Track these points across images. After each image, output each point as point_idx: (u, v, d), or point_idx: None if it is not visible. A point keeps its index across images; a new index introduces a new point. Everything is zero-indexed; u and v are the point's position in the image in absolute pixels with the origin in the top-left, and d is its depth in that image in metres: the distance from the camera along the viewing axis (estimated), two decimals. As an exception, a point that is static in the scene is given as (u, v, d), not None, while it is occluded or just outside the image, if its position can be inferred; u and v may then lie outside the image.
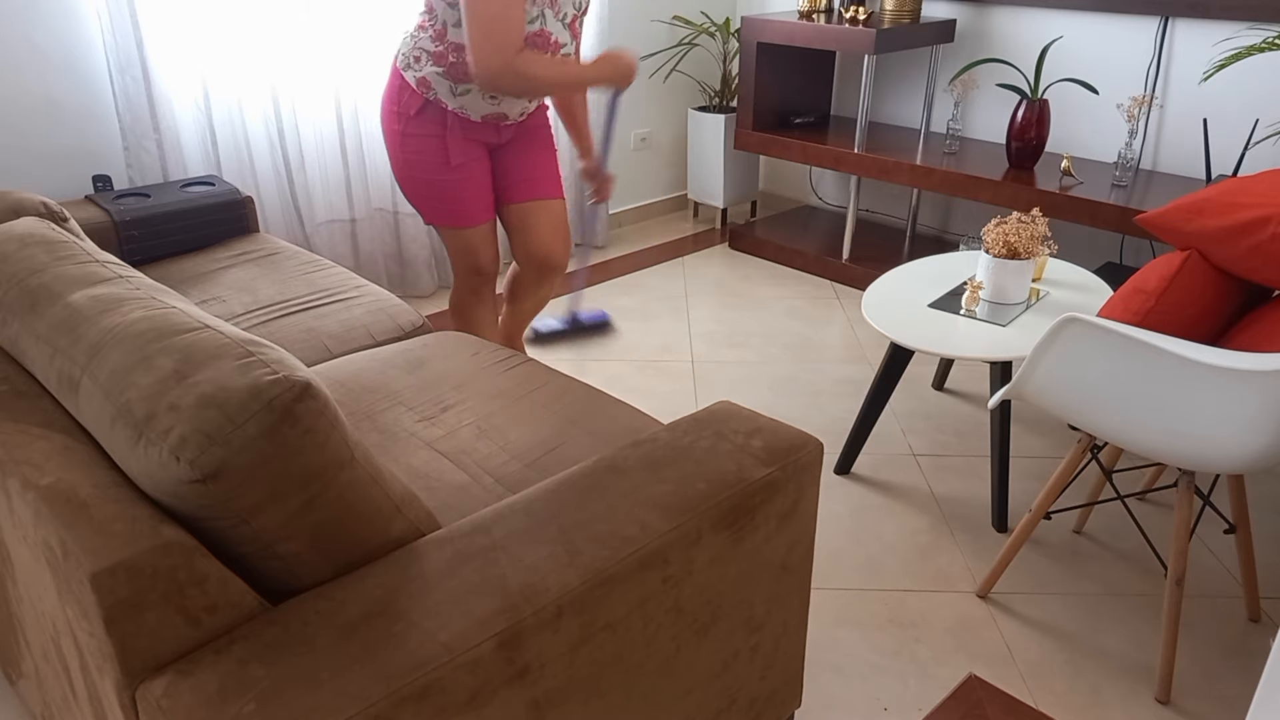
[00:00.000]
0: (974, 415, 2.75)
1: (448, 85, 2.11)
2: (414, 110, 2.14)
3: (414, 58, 2.12)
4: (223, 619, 1.02)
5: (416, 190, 2.23)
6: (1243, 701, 1.77)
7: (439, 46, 2.08)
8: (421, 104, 2.14)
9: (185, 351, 1.06)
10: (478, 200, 2.25)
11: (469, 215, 2.25)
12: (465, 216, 2.25)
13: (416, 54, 2.11)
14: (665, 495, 1.25)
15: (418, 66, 2.11)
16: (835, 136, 3.73)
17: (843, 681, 1.81)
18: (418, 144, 2.17)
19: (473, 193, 2.24)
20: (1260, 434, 1.52)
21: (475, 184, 2.24)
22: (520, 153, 2.32)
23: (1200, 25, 3.09)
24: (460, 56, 2.07)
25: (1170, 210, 1.84)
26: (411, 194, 2.25)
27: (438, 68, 2.09)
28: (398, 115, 2.17)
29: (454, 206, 2.23)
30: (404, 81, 2.15)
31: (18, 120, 2.58)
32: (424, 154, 2.18)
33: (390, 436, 1.65)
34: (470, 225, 2.26)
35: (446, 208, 2.23)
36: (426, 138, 2.16)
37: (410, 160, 2.19)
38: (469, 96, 2.13)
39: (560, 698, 1.14)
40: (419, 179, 2.20)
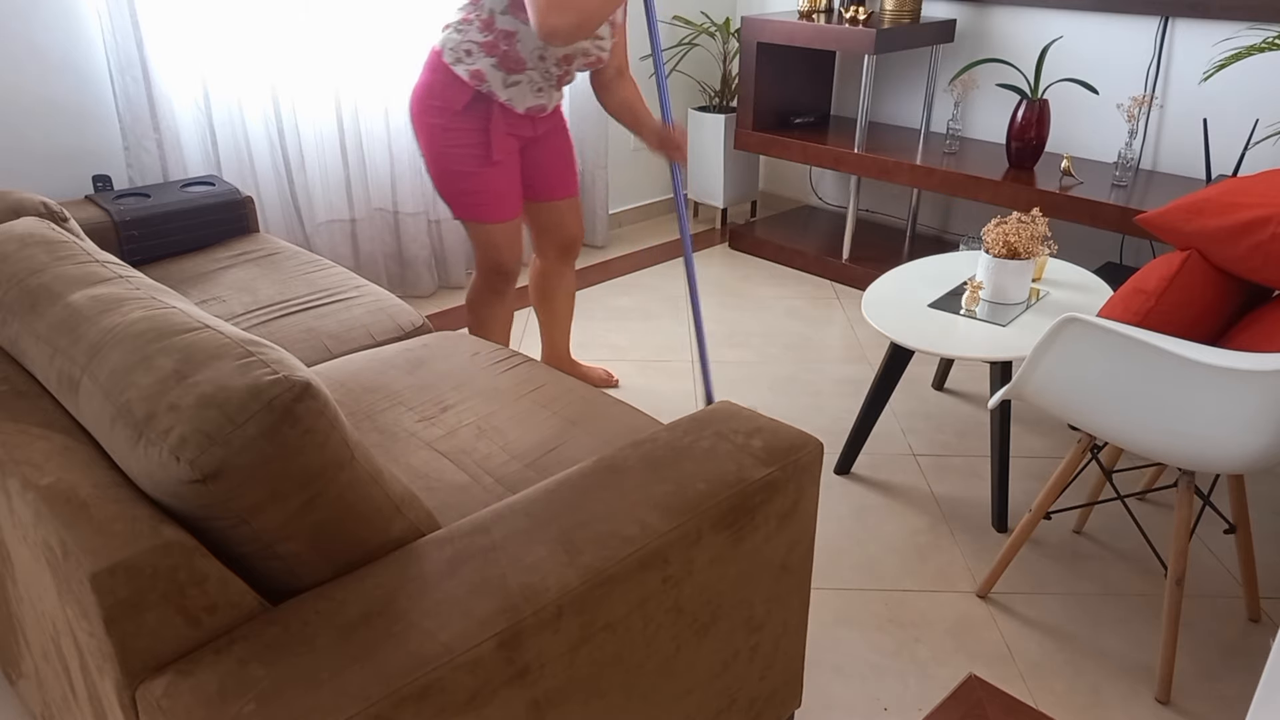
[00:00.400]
0: (974, 415, 2.75)
1: (501, 76, 2.15)
2: (461, 105, 2.17)
3: (464, 51, 2.14)
4: (223, 619, 1.02)
5: (454, 184, 2.24)
6: (1243, 701, 1.77)
7: (488, 36, 2.11)
8: (471, 97, 2.16)
9: (185, 351, 1.06)
10: (510, 196, 2.30)
11: (503, 210, 2.29)
12: (499, 211, 2.29)
13: (467, 47, 2.13)
14: (665, 495, 1.25)
15: (469, 60, 2.13)
16: (835, 136, 3.73)
17: (843, 681, 1.81)
18: (461, 137, 2.19)
19: (507, 188, 2.29)
20: (1260, 434, 1.52)
21: (510, 179, 2.29)
22: (550, 151, 2.41)
23: (1200, 25, 3.09)
24: (510, 44, 2.11)
25: (1170, 210, 1.84)
26: (447, 188, 2.26)
27: (490, 58, 2.12)
28: (439, 109, 2.18)
29: (489, 200, 2.26)
30: (453, 76, 2.15)
31: (18, 120, 2.58)
32: (466, 148, 2.20)
33: (390, 436, 1.65)
34: (503, 220, 2.30)
35: (481, 202, 2.26)
36: (470, 131, 2.19)
37: (449, 153, 2.20)
38: (518, 88, 2.19)
39: (560, 698, 1.14)
40: (458, 172, 2.22)
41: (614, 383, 2.88)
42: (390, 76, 3.18)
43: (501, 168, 2.25)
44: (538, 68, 2.17)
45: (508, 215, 2.31)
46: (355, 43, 3.07)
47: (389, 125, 3.23)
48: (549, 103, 2.29)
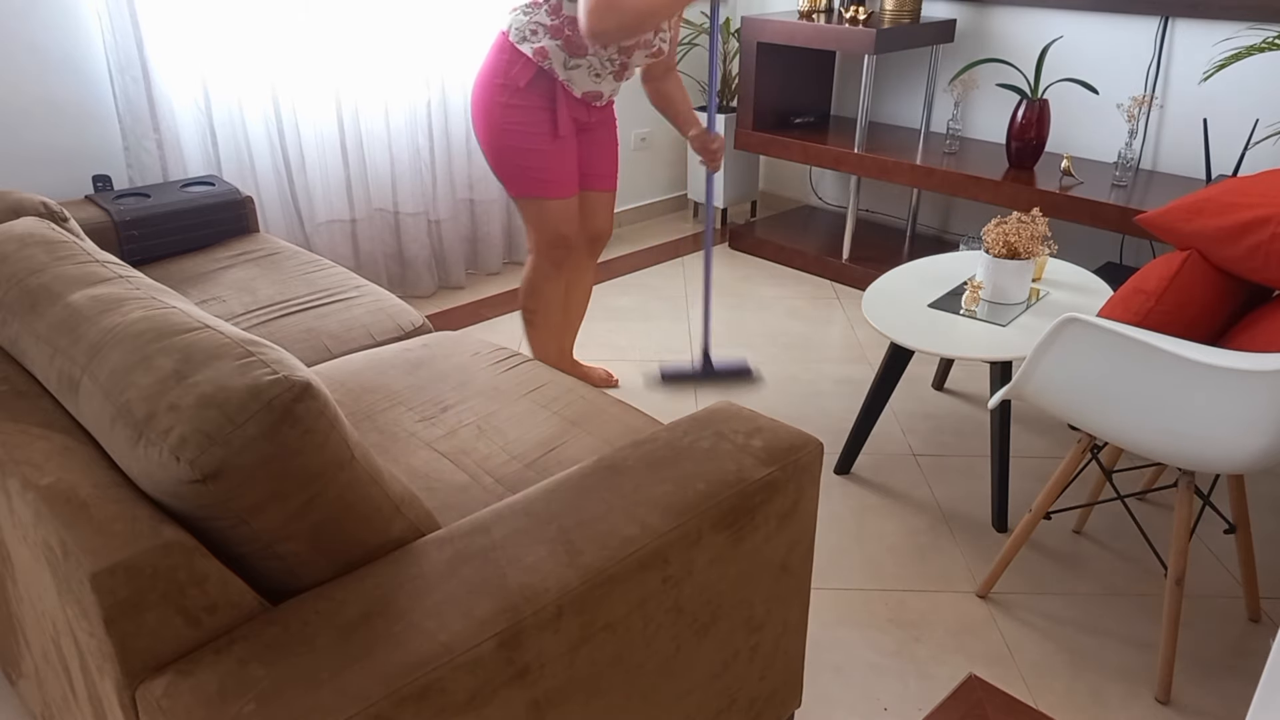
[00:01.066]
0: (974, 415, 2.75)
1: (563, 58, 2.24)
2: (524, 82, 2.24)
3: (530, 31, 2.22)
4: (223, 619, 1.02)
5: (513, 159, 2.30)
6: (1243, 701, 1.77)
7: (555, 20, 2.20)
8: (533, 75, 2.24)
9: (185, 351, 1.06)
10: (570, 173, 2.37)
11: (562, 187, 2.36)
12: (559, 188, 2.36)
13: (533, 28, 2.22)
14: (665, 495, 1.25)
15: (534, 39, 2.22)
16: (835, 136, 3.73)
17: (843, 681, 1.81)
18: (523, 115, 2.27)
19: (568, 165, 2.36)
20: (1260, 434, 1.52)
21: (570, 157, 2.36)
22: (598, 144, 2.50)
23: (1200, 25, 3.09)
24: (575, 30, 2.20)
25: (1170, 210, 1.84)
26: (505, 164, 2.31)
27: (556, 40, 2.21)
28: (503, 86, 2.25)
29: (549, 176, 2.33)
30: (516, 54, 2.24)
31: (18, 120, 2.58)
32: (528, 124, 2.27)
33: (390, 436, 1.65)
34: (562, 196, 2.37)
35: (542, 178, 2.33)
36: (533, 109, 2.27)
37: (511, 129, 2.27)
38: (578, 71, 2.27)
39: (560, 698, 1.14)
40: (518, 148, 2.29)
41: (614, 383, 2.89)
42: (390, 76, 3.18)
43: (563, 145, 2.33)
44: (598, 55, 2.26)
45: (567, 192, 2.38)
46: (355, 43, 3.07)
47: (389, 125, 3.23)
48: (605, 91, 2.37)
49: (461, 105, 3.40)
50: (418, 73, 3.24)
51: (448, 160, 3.43)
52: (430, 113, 3.32)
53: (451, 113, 3.39)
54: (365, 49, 3.10)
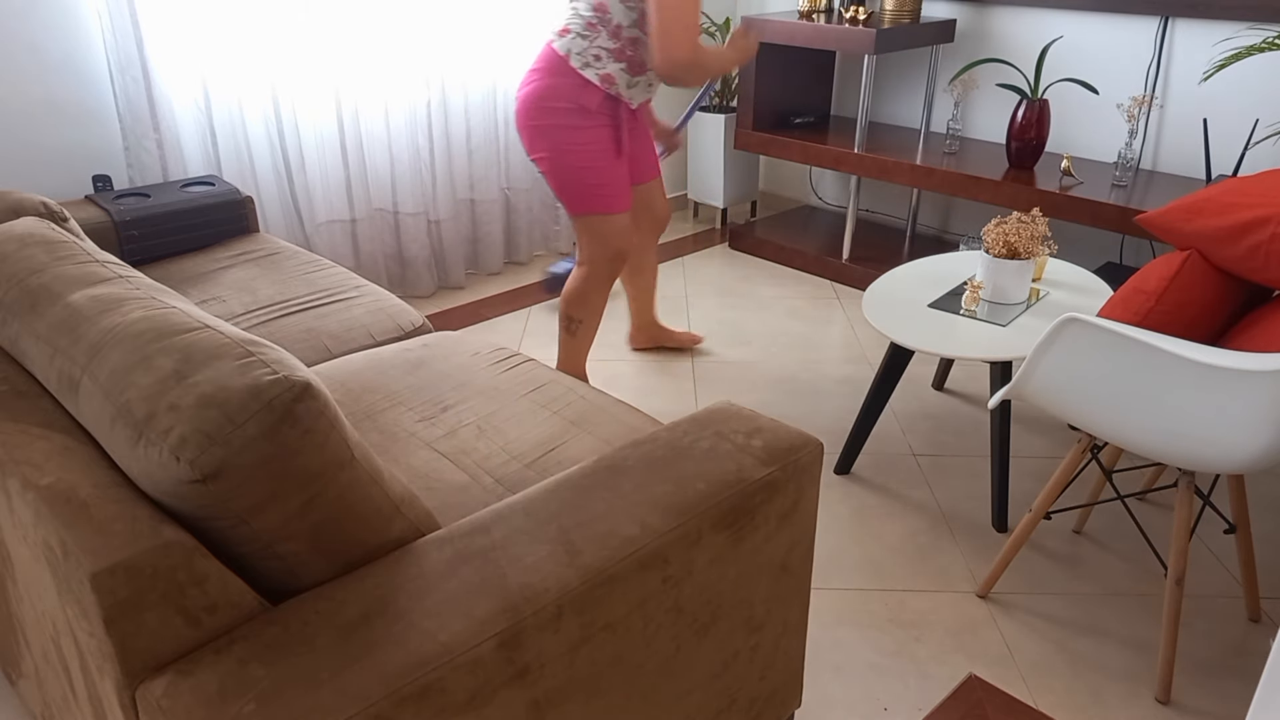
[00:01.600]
0: (974, 415, 2.75)
1: (626, 79, 2.35)
2: (594, 105, 2.34)
3: (593, 56, 2.31)
4: (223, 619, 1.02)
5: (583, 180, 2.39)
6: (1243, 701, 1.77)
7: (616, 44, 2.30)
8: (602, 99, 2.34)
9: (185, 351, 1.06)
10: (628, 187, 2.49)
11: (625, 199, 2.47)
12: (623, 201, 2.46)
13: (596, 53, 2.30)
14: (665, 495, 1.25)
15: (599, 65, 2.31)
16: (835, 136, 3.73)
17: (843, 681, 1.81)
18: (591, 135, 2.36)
19: (627, 176, 2.48)
20: (1260, 434, 1.52)
21: (627, 169, 2.48)
22: (639, 137, 2.63)
23: (1200, 25, 3.09)
24: (636, 50, 2.32)
25: (1170, 210, 1.84)
26: (574, 184, 2.40)
27: (620, 63, 2.32)
28: (566, 110, 2.34)
29: (611, 192, 2.43)
30: (583, 80, 2.32)
31: (18, 120, 2.58)
32: (593, 144, 2.37)
33: (390, 436, 1.65)
34: (624, 210, 2.48)
35: (609, 194, 2.42)
36: (598, 129, 2.36)
37: (579, 151, 2.36)
38: (637, 88, 2.39)
39: (560, 698, 1.14)
40: (588, 168, 2.38)
41: (700, 340, 3.11)
42: (390, 76, 3.18)
43: (623, 161, 2.45)
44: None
45: (626, 206, 2.49)
46: (355, 43, 3.07)
47: (389, 125, 3.23)
48: (652, 95, 2.51)
49: (461, 105, 3.40)
50: (418, 73, 3.24)
51: (448, 160, 3.43)
52: (430, 113, 3.32)
53: (451, 113, 3.39)
54: (365, 49, 3.10)
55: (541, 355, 3.07)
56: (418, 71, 3.24)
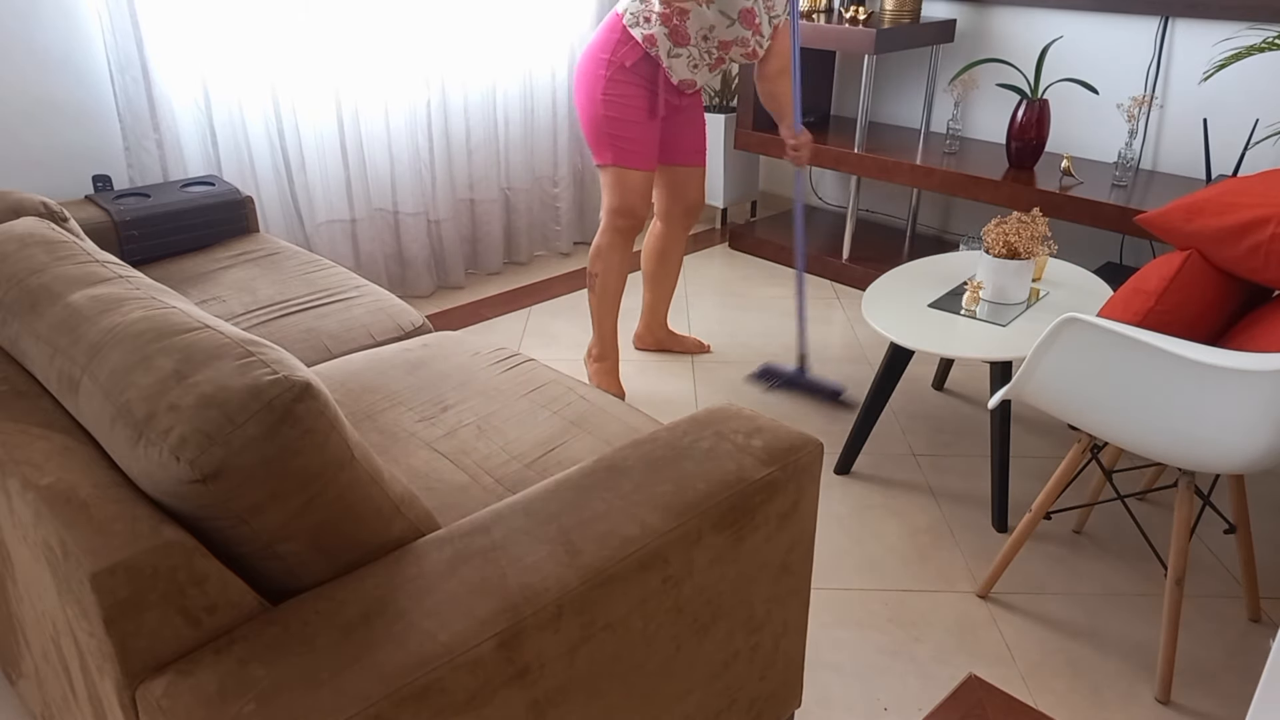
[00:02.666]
0: (974, 415, 2.75)
1: (668, 46, 2.45)
2: (630, 62, 2.47)
3: (643, 17, 2.44)
4: (223, 619, 1.02)
5: (604, 128, 2.52)
6: (1243, 701, 1.77)
7: (665, 8, 2.40)
8: (639, 57, 2.47)
9: (185, 351, 1.06)
10: (653, 150, 2.59)
11: (646, 160, 2.57)
12: (644, 160, 2.56)
13: (646, 14, 2.43)
14: (665, 495, 1.25)
15: (646, 25, 2.44)
16: (835, 136, 3.73)
17: (843, 681, 1.81)
18: (622, 89, 2.49)
19: (653, 142, 2.58)
20: (1260, 434, 1.52)
21: (655, 136, 2.59)
22: (690, 124, 2.72)
23: (1200, 25, 3.09)
24: (681, 20, 2.41)
25: (1170, 210, 1.84)
26: (597, 131, 2.53)
27: (664, 28, 2.43)
28: (609, 62, 2.48)
29: (635, 149, 2.54)
30: (626, 35, 2.46)
31: (18, 120, 2.58)
32: (626, 99, 2.50)
33: (390, 436, 1.65)
34: (643, 169, 2.57)
35: (630, 149, 2.54)
36: (633, 85, 2.49)
37: (610, 100, 2.49)
38: (679, 60, 2.49)
39: (560, 698, 1.14)
40: (612, 118, 2.50)
41: (708, 349, 3.11)
42: (390, 76, 3.18)
43: (653, 124, 2.55)
44: (699, 46, 2.47)
45: (648, 166, 2.58)
46: (355, 43, 3.07)
47: (389, 125, 3.23)
48: (700, 80, 2.58)
49: (461, 105, 3.40)
50: (418, 73, 3.24)
51: (448, 160, 3.43)
52: (430, 113, 3.32)
53: (451, 113, 3.39)
54: (365, 49, 3.10)
55: (541, 355, 3.07)
56: (418, 71, 3.24)
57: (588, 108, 2.54)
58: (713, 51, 2.50)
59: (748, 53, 2.51)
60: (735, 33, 2.46)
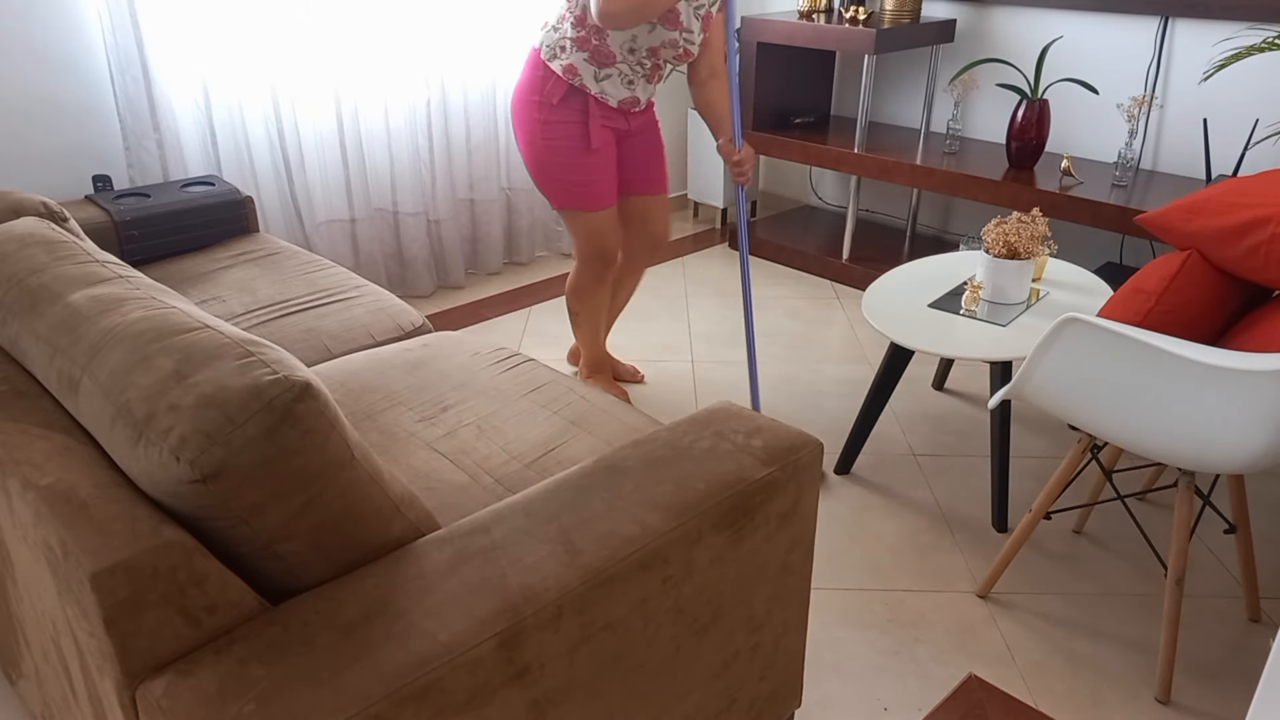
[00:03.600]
0: (974, 415, 2.75)
1: (592, 71, 2.28)
2: (557, 98, 2.30)
3: (559, 48, 2.27)
4: (223, 619, 1.02)
5: (554, 174, 2.36)
6: (1243, 701, 1.77)
7: (581, 32, 2.24)
8: (565, 91, 2.29)
9: (185, 351, 1.06)
10: (608, 184, 2.42)
11: (601, 198, 2.41)
12: (598, 199, 2.40)
13: (562, 44, 2.27)
14: (665, 495, 1.25)
15: (563, 55, 2.27)
16: (835, 136, 3.73)
17: (843, 681, 1.81)
18: (560, 130, 2.32)
19: (606, 177, 2.41)
20: (1260, 434, 1.52)
21: (608, 169, 2.41)
22: (642, 148, 2.52)
23: (1200, 25, 3.09)
24: (600, 39, 2.24)
25: (1170, 210, 1.84)
26: (547, 179, 2.38)
27: (583, 53, 2.26)
28: (539, 104, 2.32)
29: (588, 189, 2.38)
30: (548, 71, 2.29)
31: (18, 120, 2.58)
32: (565, 139, 2.33)
33: (390, 436, 1.65)
34: (601, 208, 2.42)
35: (581, 191, 2.38)
36: (568, 124, 2.32)
37: (551, 146, 2.33)
38: (610, 81, 2.30)
39: (560, 698, 1.14)
40: (558, 163, 2.35)
41: (640, 378, 2.93)
42: (390, 76, 3.18)
43: (599, 156, 2.37)
44: (627, 60, 2.28)
45: (606, 203, 2.43)
46: (355, 43, 3.07)
47: (389, 125, 3.23)
48: (642, 96, 2.39)
49: (461, 105, 3.40)
50: (418, 73, 3.24)
51: (447, 160, 3.43)
52: (430, 113, 3.32)
53: (451, 113, 3.39)
54: (365, 49, 3.10)
55: (541, 355, 3.07)
56: (417, 71, 3.24)
57: (529, 154, 2.37)
58: (644, 62, 2.31)
59: (679, 54, 2.31)
60: (660, 36, 2.25)
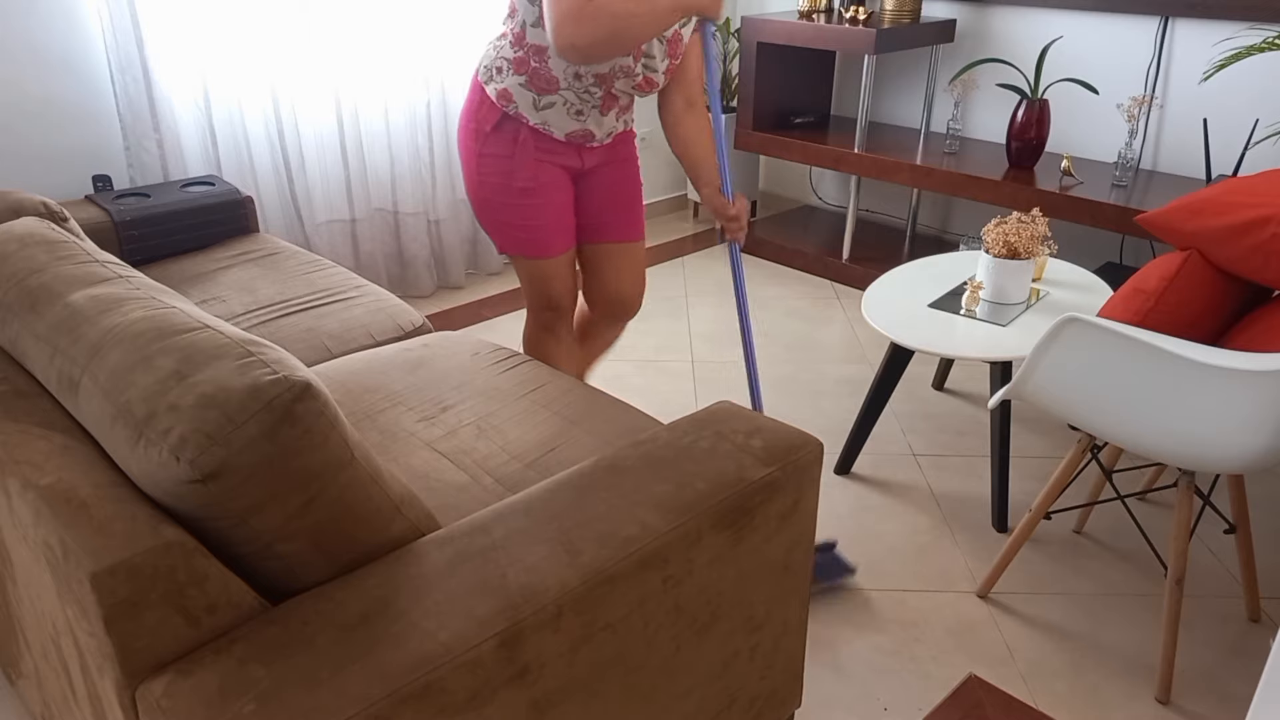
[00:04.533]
0: (974, 415, 2.75)
1: (530, 97, 1.89)
2: (490, 126, 1.93)
3: (495, 69, 1.91)
4: (223, 619, 1.02)
5: (489, 215, 2.00)
6: (1243, 701, 1.77)
7: (519, 52, 1.87)
8: (499, 119, 1.92)
9: (185, 351, 1.06)
10: (555, 229, 2.01)
11: (543, 245, 2.01)
12: (539, 246, 2.01)
13: (498, 64, 1.90)
14: (665, 495, 1.25)
15: (499, 78, 1.90)
16: (835, 136, 3.73)
17: (843, 681, 1.81)
18: (493, 164, 1.95)
19: (550, 221, 2.00)
20: (1260, 434, 1.52)
21: (553, 211, 1.99)
22: (606, 186, 2.09)
23: (1200, 25, 3.09)
24: (541, 60, 1.86)
25: (1170, 210, 1.84)
26: (484, 219, 2.02)
27: (519, 76, 1.88)
28: (474, 132, 1.95)
29: (528, 235, 1.99)
30: (484, 95, 1.93)
31: (18, 120, 2.58)
32: (500, 175, 1.95)
33: (390, 436, 1.65)
34: (544, 256, 2.02)
35: (520, 236, 2.00)
36: (502, 158, 1.94)
37: (485, 182, 1.96)
38: (553, 111, 1.91)
39: (560, 698, 1.14)
40: (493, 202, 1.97)
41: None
42: (390, 76, 3.18)
43: (539, 197, 1.96)
44: (572, 88, 1.88)
45: (551, 251, 2.02)
46: (355, 43, 3.07)
47: (389, 125, 3.23)
48: (598, 130, 1.97)
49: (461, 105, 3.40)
50: (418, 73, 3.24)
51: (447, 160, 3.43)
52: (430, 113, 3.32)
53: (451, 113, 3.39)
54: (365, 49, 3.10)
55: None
56: (417, 71, 3.24)
57: (469, 189, 2.00)
58: (593, 91, 1.89)
59: (639, 84, 1.92)
60: (611, 61, 1.86)
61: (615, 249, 2.14)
